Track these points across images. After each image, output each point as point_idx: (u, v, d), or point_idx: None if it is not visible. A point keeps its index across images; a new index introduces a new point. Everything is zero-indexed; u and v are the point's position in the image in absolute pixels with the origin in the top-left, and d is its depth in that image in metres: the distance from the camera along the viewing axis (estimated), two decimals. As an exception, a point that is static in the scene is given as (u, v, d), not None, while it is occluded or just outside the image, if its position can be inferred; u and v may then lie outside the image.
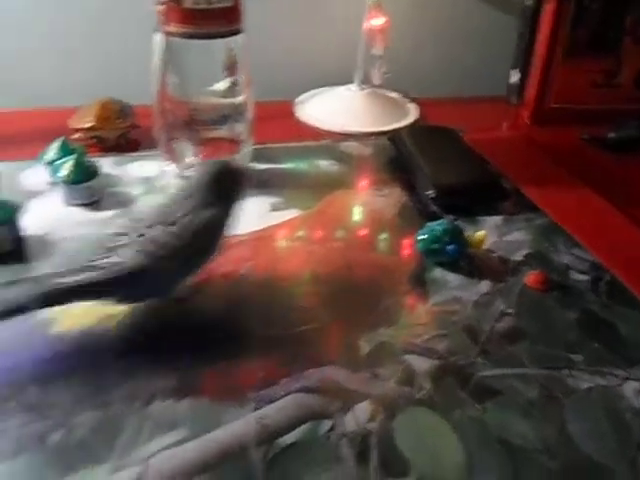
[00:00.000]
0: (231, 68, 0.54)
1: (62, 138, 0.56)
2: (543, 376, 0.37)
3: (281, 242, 0.49)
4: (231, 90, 0.55)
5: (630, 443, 0.33)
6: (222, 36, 0.51)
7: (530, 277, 0.45)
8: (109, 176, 0.56)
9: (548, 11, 0.70)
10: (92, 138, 0.61)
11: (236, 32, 0.52)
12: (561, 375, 0.37)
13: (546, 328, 0.41)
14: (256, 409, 0.34)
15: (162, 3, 0.50)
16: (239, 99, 0.55)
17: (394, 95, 0.76)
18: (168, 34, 0.51)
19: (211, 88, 0.54)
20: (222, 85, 0.54)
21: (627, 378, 0.37)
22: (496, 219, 0.53)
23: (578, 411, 0.35)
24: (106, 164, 0.57)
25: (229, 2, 0.51)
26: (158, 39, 0.52)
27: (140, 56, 0.54)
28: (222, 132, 0.56)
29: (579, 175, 0.61)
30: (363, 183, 0.59)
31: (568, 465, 0.32)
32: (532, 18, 0.74)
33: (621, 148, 0.68)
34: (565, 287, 0.45)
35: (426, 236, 0.46)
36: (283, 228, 0.50)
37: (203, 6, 0.50)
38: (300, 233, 0.50)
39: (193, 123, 0.54)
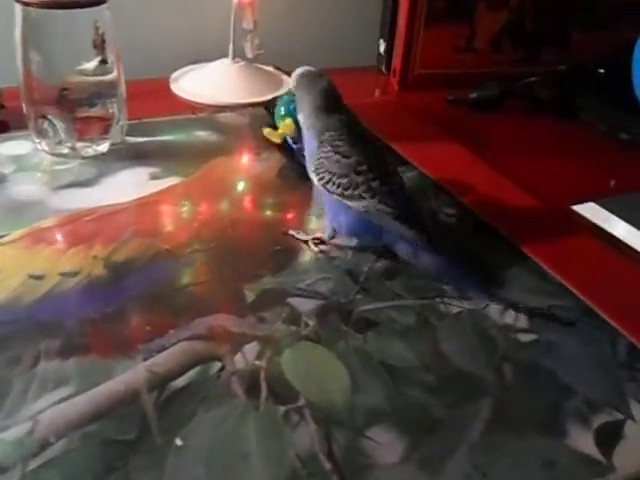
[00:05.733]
0: (99, 46, 0.53)
1: None
2: (418, 305, 0.40)
3: (164, 207, 0.49)
4: (101, 68, 0.54)
5: (495, 355, 0.37)
6: (83, 6, 0.50)
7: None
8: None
9: (407, -18, 0.74)
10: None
11: (99, 2, 0.51)
12: (434, 303, 0.40)
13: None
14: (145, 359, 0.34)
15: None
16: (109, 77, 0.55)
17: (268, 68, 0.77)
18: (27, 4, 0.49)
19: (80, 67, 0.53)
20: (91, 64, 0.53)
21: (491, 301, 0.41)
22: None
23: (450, 332, 0.38)
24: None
25: (90, -29, 0.50)
26: (18, 12, 0.51)
27: (4, 35, 0.52)
28: (94, 110, 0.55)
29: (446, 132, 0.65)
30: (242, 149, 0.60)
31: (442, 377, 0.35)
32: (394, -11, 0.77)
33: (482, 107, 0.73)
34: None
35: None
36: (165, 194, 0.50)
37: (62, -25, 0.49)
38: (182, 198, 0.50)
39: (63, 102, 0.53)
